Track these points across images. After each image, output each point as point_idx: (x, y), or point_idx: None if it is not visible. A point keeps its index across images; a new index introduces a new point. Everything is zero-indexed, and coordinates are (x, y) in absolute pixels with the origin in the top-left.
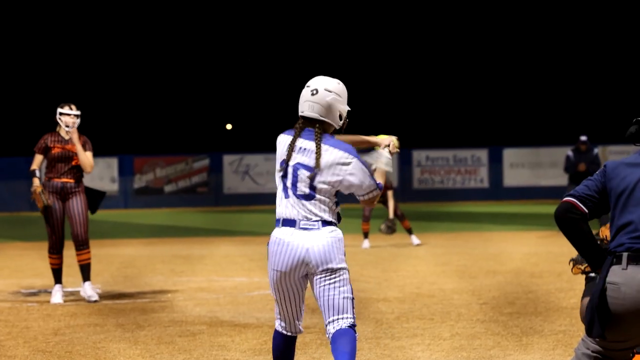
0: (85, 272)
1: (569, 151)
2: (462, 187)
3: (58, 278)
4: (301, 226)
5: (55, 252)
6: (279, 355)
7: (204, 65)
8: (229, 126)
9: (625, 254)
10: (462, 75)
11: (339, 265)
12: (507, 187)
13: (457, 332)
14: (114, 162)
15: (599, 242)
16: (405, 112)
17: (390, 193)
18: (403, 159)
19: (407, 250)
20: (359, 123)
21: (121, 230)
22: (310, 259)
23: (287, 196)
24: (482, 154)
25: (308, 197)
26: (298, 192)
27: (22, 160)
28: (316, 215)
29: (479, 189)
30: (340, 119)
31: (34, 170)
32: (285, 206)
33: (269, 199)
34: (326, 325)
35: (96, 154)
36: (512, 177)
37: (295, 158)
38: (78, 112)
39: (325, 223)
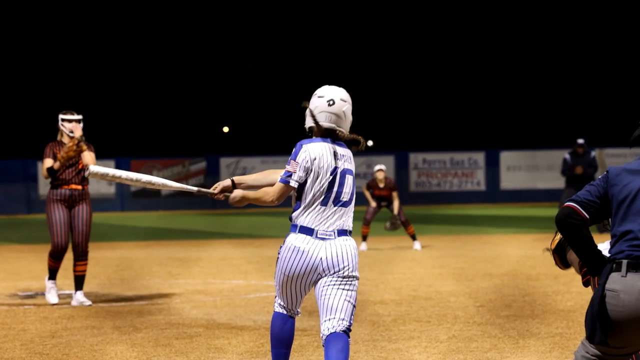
0: (80, 282)
1: (566, 154)
2: (459, 190)
3: (53, 276)
4: (319, 235)
5: (57, 258)
6: (279, 335)
7: (201, 69)
8: (225, 129)
9: (624, 261)
10: (459, 78)
11: (351, 273)
12: (504, 189)
13: (454, 335)
14: (110, 164)
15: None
16: (402, 115)
17: (395, 194)
18: (400, 161)
19: (404, 253)
20: (359, 124)
21: (118, 232)
22: (322, 267)
23: (324, 204)
24: (479, 157)
25: (345, 205)
26: (342, 199)
27: (18, 163)
28: (339, 225)
29: (476, 191)
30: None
31: (51, 166)
32: (313, 214)
33: None
34: (321, 324)
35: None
36: (509, 180)
37: (341, 165)
38: (80, 117)
39: (341, 232)
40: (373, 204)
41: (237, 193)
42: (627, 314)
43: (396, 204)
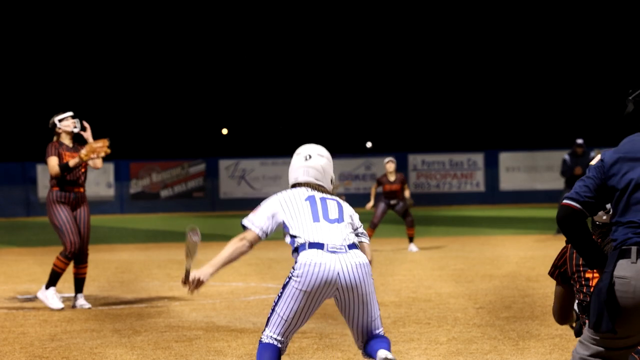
0: (81, 285)
1: (565, 155)
2: (458, 191)
3: (55, 281)
4: (329, 249)
5: (71, 258)
6: None
7: (200, 70)
8: (224, 131)
9: (634, 248)
10: (458, 79)
11: (367, 290)
12: (503, 190)
13: (454, 337)
14: (110, 167)
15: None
16: (401, 116)
17: (405, 186)
18: (399, 163)
19: (404, 255)
20: (357, 125)
21: (117, 235)
22: (339, 282)
23: (316, 220)
24: (478, 158)
25: (338, 221)
26: (330, 217)
27: (17, 165)
28: (344, 238)
29: (475, 192)
30: (331, 183)
31: (65, 162)
32: (311, 230)
33: None
34: (357, 342)
35: None
36: (508, 181)
37: (319, 195)
38: (71, 113)
39: (352, 246)
40: (370, 204)
41: (196, 274)
42: (638, 301)
43: (407, 192)
